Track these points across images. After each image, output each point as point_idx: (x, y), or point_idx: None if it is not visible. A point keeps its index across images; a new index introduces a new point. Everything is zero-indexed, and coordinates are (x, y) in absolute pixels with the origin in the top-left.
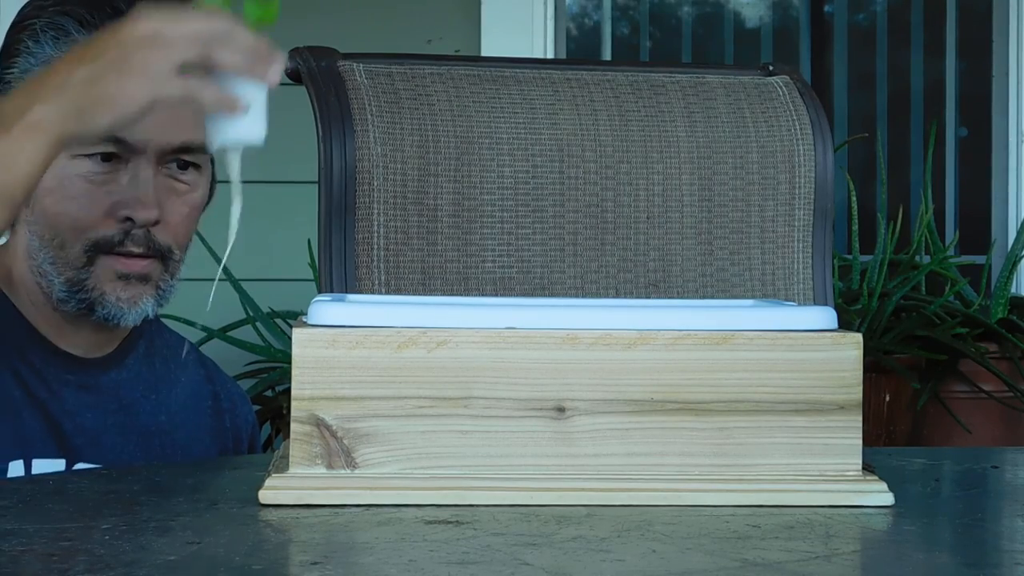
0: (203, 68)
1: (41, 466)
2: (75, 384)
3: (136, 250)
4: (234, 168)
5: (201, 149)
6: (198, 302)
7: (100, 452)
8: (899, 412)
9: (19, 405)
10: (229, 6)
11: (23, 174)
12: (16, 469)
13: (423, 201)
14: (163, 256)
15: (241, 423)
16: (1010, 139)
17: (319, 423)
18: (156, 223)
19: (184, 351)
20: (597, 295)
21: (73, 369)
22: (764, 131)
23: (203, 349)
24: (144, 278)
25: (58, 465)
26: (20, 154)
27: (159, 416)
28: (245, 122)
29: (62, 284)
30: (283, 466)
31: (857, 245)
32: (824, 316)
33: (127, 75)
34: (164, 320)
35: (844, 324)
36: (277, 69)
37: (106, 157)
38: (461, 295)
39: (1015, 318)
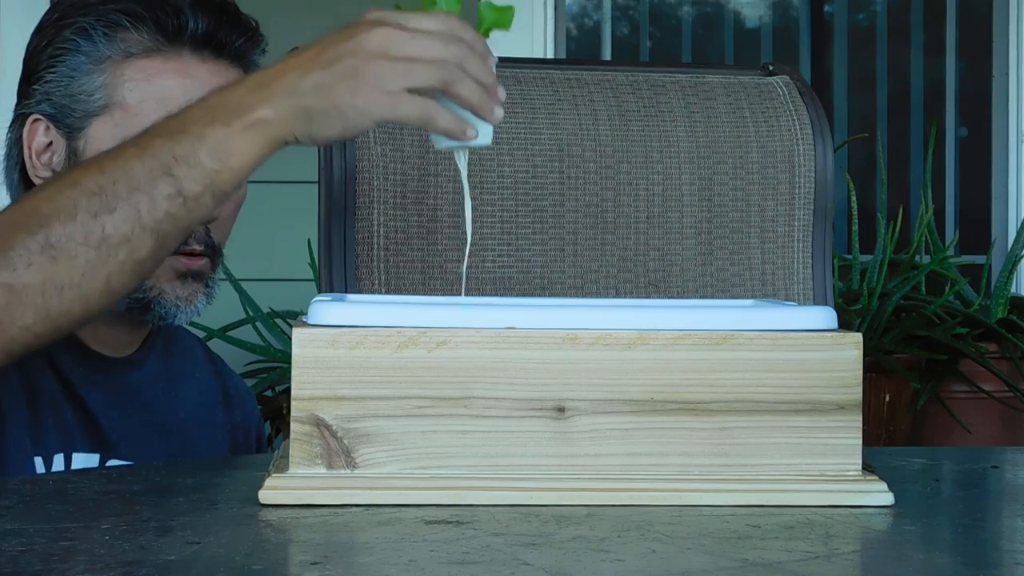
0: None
1: (80, 460)
2: (102, 384)
3: (197, 248)
4: (463, 167)
5: None
6: None
7: (127, 451)
8: (899, 412)
9: (59, 398)
10: (461, 7)
11: (235, 168)
12: (57, 463)
13: (423, 201)
14: (213, 253)
15: (249, 417)
16: (1010, 139)
17: (319, 423)
18: (215, 219)
19: (195, 347)
20: (597, 295)
21: (102, 369)
22: (764, 131)
23: None
24: (200, 275)
25: (93, 460)
26: (237, 149)
27: (179, 413)
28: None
29: None
30: (283, 466)
31: (857, 245)
32: (824, 316)
33: (362, 88)
34: None
35: (844, 324)
36: (501, 110)
37: None
38: (461, 295)
39: (1015, 318)
